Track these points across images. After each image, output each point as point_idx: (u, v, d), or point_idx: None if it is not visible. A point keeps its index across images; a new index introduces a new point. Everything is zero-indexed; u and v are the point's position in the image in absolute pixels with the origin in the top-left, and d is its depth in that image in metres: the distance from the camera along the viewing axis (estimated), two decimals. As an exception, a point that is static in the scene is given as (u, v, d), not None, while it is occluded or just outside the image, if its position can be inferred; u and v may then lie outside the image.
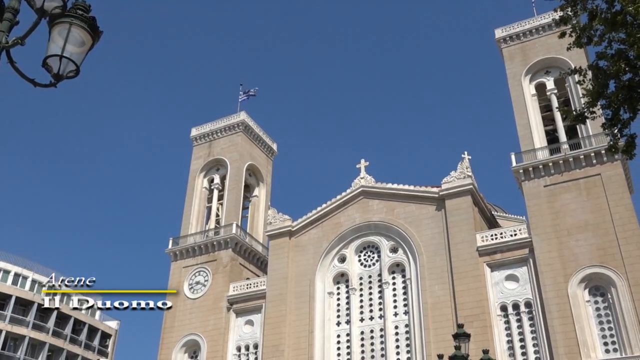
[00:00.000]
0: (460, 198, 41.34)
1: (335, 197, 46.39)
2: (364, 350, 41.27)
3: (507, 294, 37.97)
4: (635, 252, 34.76)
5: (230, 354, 45.29)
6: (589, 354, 33.62)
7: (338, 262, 44.94)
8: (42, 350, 67.19)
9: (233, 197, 53.10)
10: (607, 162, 37.98)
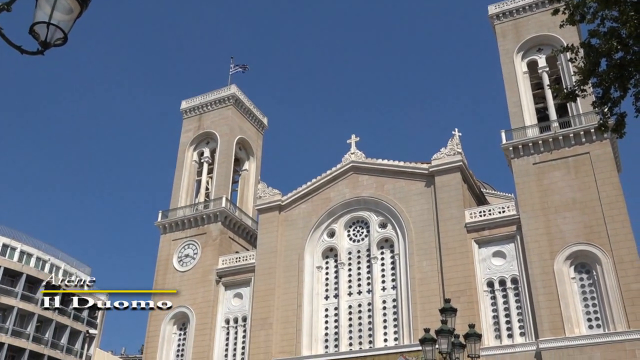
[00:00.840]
0: (449, 175, 41.48)
1: (326, 172, 46.42)
2: (352, 324, 41.69)
3: (494, 270, 38.38)
4: (621, 230, 35.14)
5: (218, 327, 45.63)
6: (573, 330, 34.18)
7: (327, 236, 45.14)
8: (30, 320, 67.36)
9: (223, 171, 52.99)
10: (596, 141, 38.17)
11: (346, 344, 41.05)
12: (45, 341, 68.21)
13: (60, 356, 69.45)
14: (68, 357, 70.45)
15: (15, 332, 65.36)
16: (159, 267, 49.92)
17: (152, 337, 47.02)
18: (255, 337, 42.86)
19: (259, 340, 42.50)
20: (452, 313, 20.17)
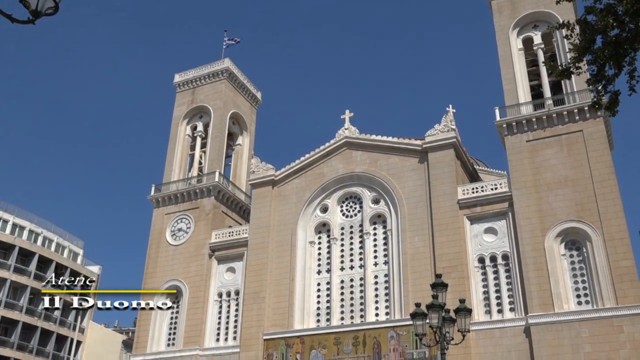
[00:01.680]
0: (443, 151, 41.54)
1: (319, 148, 46.38)
2: (344, 299, 42.05)
3: (485, 246, 38.69)
4: (611, 207, 35.41)
5: (211, 300, 45.93)
6: (562, 306, 34.62)
7: (320, 212, 45.28)
8: (24, 293, 67.56)
9: (216, 145, 52.83)
10: (590, 119, 38.24)
11: (338, 318, 41.46)
12: (38, 313, 68.50)
13: (53, 328, 69.83)
14: (61, 330, 70.86)
15: (8, 304, 65.60)
16: (152, 240, 50.02)
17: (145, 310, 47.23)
18: (248, 310, 43.20)
19: (252, 314, 42.85)
20: (443, 288, 20.36)
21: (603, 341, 32.60)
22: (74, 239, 79.47)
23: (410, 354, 37.07)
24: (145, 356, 45.41)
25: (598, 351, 32.49)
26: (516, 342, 34.94)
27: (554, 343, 33.56)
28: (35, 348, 67.02)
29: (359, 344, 38.74)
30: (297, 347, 40.47)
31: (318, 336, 40.27)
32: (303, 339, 40.57)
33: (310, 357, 39.76)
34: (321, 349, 39.65)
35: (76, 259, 78.29)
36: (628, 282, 33.44)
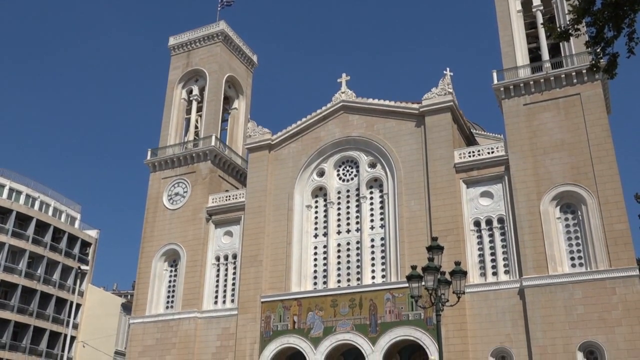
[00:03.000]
0: (440, 115, 41.40)
1: (316, 112, 46.16)
2: (340, 262, 42.42)
3: (481, 209, 38.89)
4: (607, 171, 35.51)
5: (209, 263, 46.29)
6: (556, 268, 35.00)
7: (317, 176, 45.32)
8: (22, 257, 67.95)
9: (212, 109, 52.52)
10: (587, 82, 38.05)
11: (334, 280, 41.89)
12: (37, 277, 69.02)
13: (52, 291, 70.47)
14: (60, 293, 71.53)
15: (7, 268, 66.05)
16: (149, 205, 50.13)
17: (144, 273, 47.70)
18: (245, 273, 43.60)
19: (249, 277, 43.25)
20: (439, 251, 20.52)
21: (596, 302, 33.09)
22: (71, 204, 79.62)
23: (406, 316, 37.60)
24: (144, 318, 45.97)
25: (591, 312, 33.00)
26: (510, 303, 35.43)
27: (547, 305, 34.06)
28: (35, 311, 67.74)
29: (356, 306, 39.23)
30: (295, 310, 40.98)
31: (315, 299, 40.74)
32: (300, 301, 41.06)
33: (307, 319, 40.31)
34: (318, 311, 40.17)
35: (74, 223, 78.54)
36: (622, 245, 33.76)
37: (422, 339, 36.67)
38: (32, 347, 66.88)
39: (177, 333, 44.09)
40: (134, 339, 46.03)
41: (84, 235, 77.27)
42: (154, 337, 44.92)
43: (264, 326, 41.55)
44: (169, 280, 47.58)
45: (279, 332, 41.01)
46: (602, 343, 32.18)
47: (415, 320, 37.25)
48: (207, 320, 44.07)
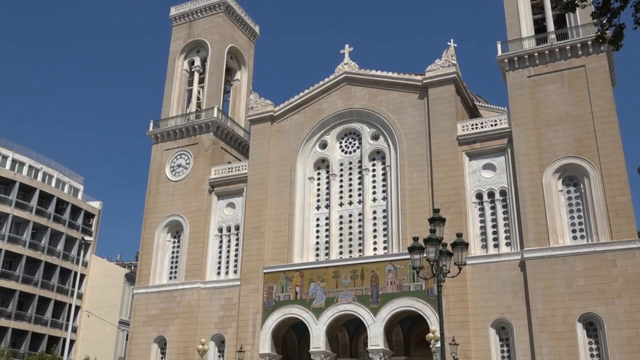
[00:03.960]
0: (443, 87, 41.15)
1: (318, 83, 45.91)
2: (342, 233, 42.61)
3: (483, 182, 38.90)
4: (610, 144, 35.41)
5: (212, 235, 46.53)
6: (557, 240, 35.13)
7: (319, 148, 45.27)
8: (26, 228, 68.34)
9: (214, 81, 52.23)
10: (593, 54, 37.70)
11: (336, 252, 42.14)
12: (41, 247, 69.51)
13: (57, 262, 71.04)
14: (65, 263, 72.11)
15: (11, 239, 66.48)
16: (152, 176, 50.21)
17: (147, 244, 48.00)
18: (248, 245, 43.85)
19: (252, 248, 43.52)
20: (441, 222, 20.56)
21: (596, 274, 33.28)
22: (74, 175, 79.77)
23: (407, 287, 37.89)
24: (148, 289, 46.41)
25: (591, 284, 33.22)
26: (511, 275, 35.66)
27: (548, 276, 34.28)
28: (39, 281, 68.38)
29: (357, 277, 39.53)
30: (297, 280, 41.31)
31: (317, 270, 41.03)
32: (302, 272, 41.37)
33: (309, 290, 40.66)
34: (320, 282, 40.49)
35: (77, 194, 78.79)
36: (623, 217, 33.83)
37: (423, 309, 37.02)
38: (37, 317, 67.69)
39: (181, 303, 44.54)
40: (137, 309, 46.53)
41: (87, 207, 77.58)
42: (158, 307, 45.40)
43: (266, 297, 41.94)
44: (172, 251, 47.91)
45: (281, 302, 41.40)
46: (602, 314, 32.46)
47: (416, 292, 37.54)
48: (210, 291, 44.48)
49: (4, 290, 65.37)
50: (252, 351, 40.84)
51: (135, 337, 45.69)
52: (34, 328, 67.08)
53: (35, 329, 67.33)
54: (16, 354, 62.64)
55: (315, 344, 39.66)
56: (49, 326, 69.07)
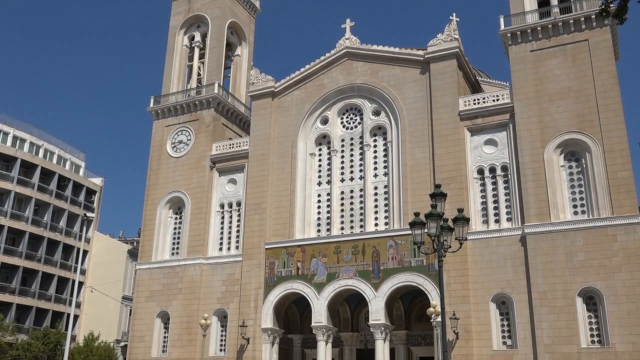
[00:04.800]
0: (445, 62, 40.87)
1: (319, 58, 45.61)
2: (344, 209, 42.70)
3: (485, 157, 38.83)
4: (613, 119, 35.25)
5: (213, 211, 46.65)
6: (558, 215, 35.18)
7: (320, 123, 45.14)
8: (28, 204, 68.64)
9: (214, 56, 51.87)
10: (596, 28, 37.36)
11: (338, 228, 42.27)
12: (44, 224, 69.84)
13: (59, 238, 71.48)
14: (67, 240, 72.53)
15: (14, 215, 66.81)
16: (153, 153, 50.17)
17: (149, 220, 48.16)
18: (249, 221, 43.98)
19: (253, 224, 43.66)
20: (442, 198, 20.61)
21: (597, 249, 33.39)
22: (75, 152, 79.84)
23: (408, 262, 38.09)
24: (150, 264, 46.68)
25: (591, 259, 33.35)
26: (512, 250, 35.80)
27: (548, 251, 34.40)
28: (43, 257, 68.89)
29: (359, 252, 39.71)
30: (298, 256, 41.52)
31: (319, 245, 41.21)
32: (304, 248, 41.55)
33: (311, 265, 40.88)
34: (322, 258, 40.69)
35: (78, 171, 78.94)
36: (625, 192, 33.81)
37: (424, 284, 37.25)
38: (41, 292, 68.33)
39: (183, 279, 44.84)
40: (140, 284, 46.87)
41: (88, 183, 77.79)
42: (160, 283, 45.72)
43: (268, 272, 42.20)
44: (174, 228, 48.07)
45: (283, 277, 41.66)
46: (602, 289, 32.64)
47: (417, 267, 37.74)
48: (212, 267, 44.74)
49: (8, 266, 65.87)
50: (255, 326, 41.24)
51: (138, 312, 46.10)
52: (37, 303, 67.75)
53: (39, 304, 68.01)
54: (21, 329, 63.37)
55: (316, 318, 40.00)
56: (53, 302, 69.74)
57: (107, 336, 63.67)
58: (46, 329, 60.66)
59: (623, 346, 31.46)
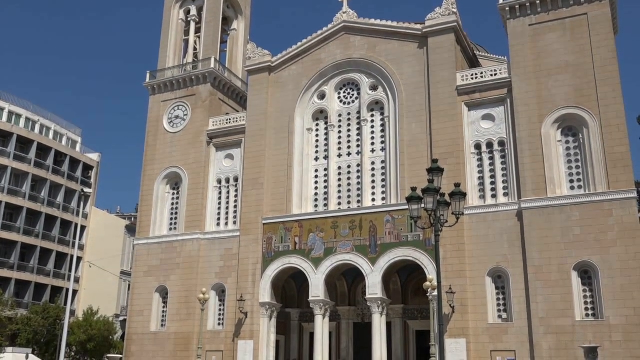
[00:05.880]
0: (443, 36, 40.59)
1: (316, 33, 45.24)
2: (341, 184, 42.75)
3: (482, 132, 38.79)
4: (610, 93, 35.16)
5: (211, 186, 46.67)
6: (555, 190, 35.29)
7: (317, 98, 44.96)
8: (25, 180, 68.59)
9: (210, 30, 51.39)
10: (595, 1, 37.07)
11: (335, 203, 42.36)
12: (41, 200, 69.87)
13: (57, 214, 71.59)
14: (65, 215, 72.64)
15: (11, 191, 66.79)
16: (150, 128, 50.00)
17: (146, 196, 48.19)
18: (246, 196, 44.04)
19: (251, 200, 43.73)
20: (439, 173, 20.61)
21: (592, 224, 33.56)
22: (72, 127, 79.55)
23: (405, 237, 38.28)
24: (148, 240, 46.83)
25: (587, 233, 33.54)
26: (508, 225, 35.96)
27: (544, 226, 34.57)
28: (41, 232, 69.04)
29: (356, 227, 39.87)
30: (296, 231, 41.67)
31: (316, 220, 41.34)
32: (301, 223, 41.68)
33: (309, 240, 41.06)
34: (319, 233, 40.86)
35: (75, 146, 78.75)
36: (621, 167, 33.88)
37: (421, 259, 37.49)
38: (39, 267, 68.64)
39: (181, 254, 45.03)
40: (138, 259, 47.08)
41: (85, 159, 77.64)
42: (159, 258, 45.92)
43: (265, 247, 42.39)
44: (171, 203, 48.13)
45: (280, 252, 41.87)
46: (597, 263, 32.90)
47: (414, 241, 37.95)
48: (210, 242, 44.91)
49: (6, 241, 66.05)
50: (252, 300, 41.56)
51: (137, 287, 46.38)
52: (36, 279, 68.10)
53: (38, 279, 68.37)
54: (20, 304, 63.79)
55: (314, 292, 40.31)
56: (52, 277, 70.11)
57: (106, 311, 64.16)
58: (45, 304, 61.08)
59: (617, 319, 31.82)
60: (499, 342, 34.51)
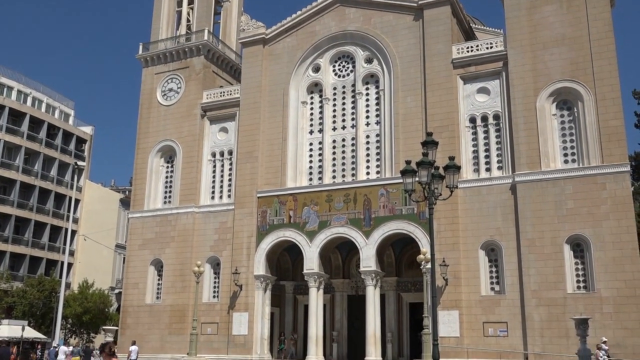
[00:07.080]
0: (439, 8, 40.22)
1: (311, 4, 44.75)
2: (335, 158, 42.71)
3: (477, 106, 38.69)
4: (606, 67, 35.03)
5: (205, 160, 46.56)
6: (549, 164, 35.36)
7: (312, 71, 44.65)
8: (18, 153, 68.26)
9: (204, 2, 50.76)
10: (593, -27, 36.70)
11: (330, 176, 42.37)
12: (35, 173, 69.63)
13: (51, 187, 71.43)
14: (59, 189, 72.48)
15: (4, 164, 66.53)
16: (143, 100, 49.65)
17: (140, 169, 48.06)
18: (241, 169, 43.99)
19: (245, 173, 43.69)
20: (434, 146, 20.58)
21: (586, 197, 33.71)
22: (64, 100, 78.92)
23: (399, 210, 38.40)
24: (143, 213, 46.84)
25: (580, 207, 33.70)
26: (502, 198, 36.09)
27: (538, 199, 34.71)
28: (35, 206, 68.96)
29: (350, 201, 39.95)
30: (290, 204, 41.73)
31: (310, 194, 41.39)
32: (296, 196, 41.72)
33: (303, 214, 41.16)
34: (313, 206, 40.93)
35: (68, 119, 78.23)
36: (615, 141, 33.92)
37: (415, 232, 37.68)
38: (34, 241, 68.70)
39: (176, 227, 45.09)
40: (133, 232, 47.13)
41: (78, 132, 77.22)
42: (153, 231, 45.99)
43: (260, 220, 42.49)
44: (165, 176, 48.04)
45: (275, 226, 41.99)
46: (589, 236, 33.13)
47: (408, 215, 38.09)
48: (204, 215, 44.95)
49: (0, 215, 65.95)
50: (247, 273, 41.79)
51: (132, 260, 46.53)
52: (31, 252, 68.21)
53: (33, 252, 68.48)
54: (15, 277, 63.98)
55: (308, 265, 40.55)
56: (47, 250, 70.21)
57: (101, 283, 64.45)
58: (41, 277, 61.31)
59: (608, 291, 32.17)
60: (491, 314, 34.89)
